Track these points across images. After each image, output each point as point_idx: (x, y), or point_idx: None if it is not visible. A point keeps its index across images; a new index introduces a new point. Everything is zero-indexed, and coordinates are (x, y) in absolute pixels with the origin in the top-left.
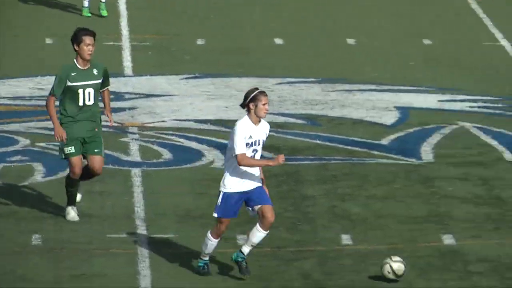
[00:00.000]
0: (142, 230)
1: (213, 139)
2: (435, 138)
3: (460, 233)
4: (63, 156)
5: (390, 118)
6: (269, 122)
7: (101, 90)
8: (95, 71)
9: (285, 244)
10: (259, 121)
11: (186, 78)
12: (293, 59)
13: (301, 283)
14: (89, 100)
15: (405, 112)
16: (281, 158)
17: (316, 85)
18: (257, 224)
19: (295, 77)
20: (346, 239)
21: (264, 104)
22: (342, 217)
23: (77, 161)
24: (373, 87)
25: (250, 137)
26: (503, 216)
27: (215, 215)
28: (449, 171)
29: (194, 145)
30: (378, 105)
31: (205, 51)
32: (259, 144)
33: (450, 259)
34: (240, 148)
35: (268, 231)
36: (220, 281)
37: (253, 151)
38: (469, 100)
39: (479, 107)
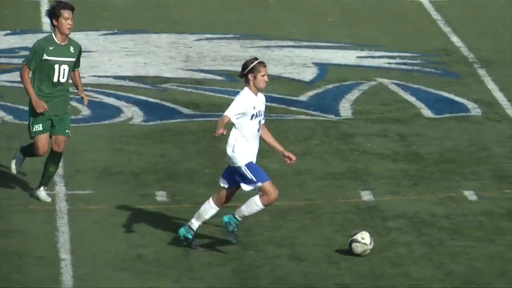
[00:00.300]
0: (60, 186)
1: (132, 95)
2: (353, 95)
3: (378, 189)
4: (31, 135)
5: (308, 74)
6: (188, 78)
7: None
8: (71, 49)
9: (204, 200)
10: (258, 92)
11: (104, 34)
12: (212, 16)
13: (220, 239)
14: (63, 77)
15: (324, 68)
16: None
17: (235, 41)
18: (211, 199)
19: (214, 34)
20: None
21: (263, 75)
22: None
23: (44, 141)
24: (291, 43)
25: (254, 107)
26: (421, 173)
27: (259, 184)
28: (368, 128)
29: (112, 101)
30: (296, 62)
31: (124, 8)
32: (261, 115)
33: (368, 215)
34: (232, 111)
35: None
36: (138, 236)
37: (258, 123)
38: (387, 57)
39: (397, 63)
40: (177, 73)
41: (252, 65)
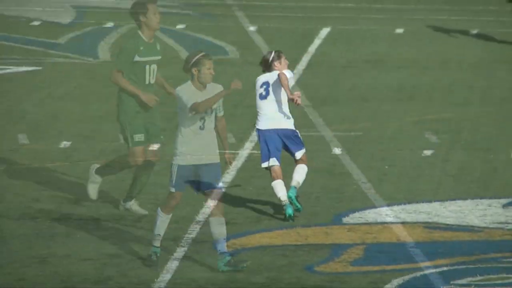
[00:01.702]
0: None
1: None
2: (112, 38)
3: None
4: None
5: (66, 17)
6: None
7: None
8: None
9: None
10: (204, 87)
11: None
12: None
13: None
14: None
15: (82, 11)
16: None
17: None
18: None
19: None
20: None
21: (208, 69)
22: None
23: None
24: None
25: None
26: None
27: (172, 190)
28: None
29: None
30: (54, 4)
31: None
32: (205, 112)
33: None
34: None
35: None
36: None
37: (200, 119)
38: None
39: None
40: None
41: (196, 58)
